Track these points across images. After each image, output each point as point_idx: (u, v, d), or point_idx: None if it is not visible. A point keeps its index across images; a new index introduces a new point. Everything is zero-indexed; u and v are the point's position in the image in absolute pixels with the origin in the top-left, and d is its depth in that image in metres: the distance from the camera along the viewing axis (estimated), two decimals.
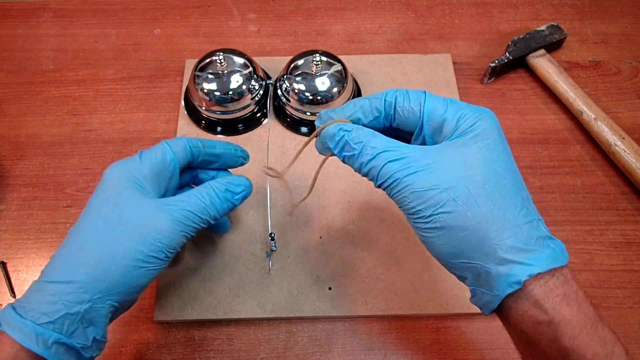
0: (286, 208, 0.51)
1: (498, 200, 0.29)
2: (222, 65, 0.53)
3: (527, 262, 0.28)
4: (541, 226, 0.30)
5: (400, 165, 0.31)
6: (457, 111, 0.32)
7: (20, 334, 0.31)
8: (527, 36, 0.60)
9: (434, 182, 0.30)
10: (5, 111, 0.58)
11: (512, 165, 0.31)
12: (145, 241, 0.34)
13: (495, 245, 0.29)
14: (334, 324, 0.47)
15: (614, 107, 0.58)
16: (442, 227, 0.30)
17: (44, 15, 0.66)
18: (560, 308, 0.28)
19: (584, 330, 0.28)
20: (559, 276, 0.29)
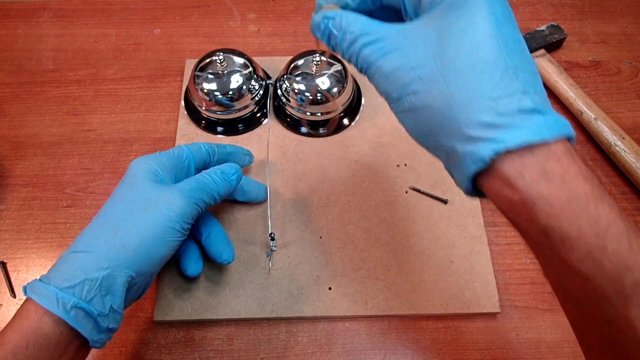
0: (286, 208, 0.51)
1: (470, 74, 0.26)
2: (222, 65, 0.53)
3: (496, 139, 0.25)
4: (527, 98, 0.26)
5: (374, 48, 0.30)
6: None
7: (43, 298, 0.33)
8: (527, 36, 0.60)
9: (402, 63, 0.28)
10: (5, 111, 0.58)
11: (499, 32, 0.27)
12: (159, 212, 0.37)
13: (461, 123, 0.26)
14: (334, 324, 0.47)
15: (614, 107, 0.58)
16: (409, 109, 0.29)
17: (44, 15, 0.66)
18: (535, 185, 0.25)
19: (566, 208, 0.25)
20: (540, 153, 0.25)
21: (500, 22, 0.27)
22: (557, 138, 0.25)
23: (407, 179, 0.52)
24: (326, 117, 0.55)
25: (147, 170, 0.40)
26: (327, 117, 0.55)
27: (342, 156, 0.54)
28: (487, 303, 0.46)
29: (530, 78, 0.26)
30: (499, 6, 0.27)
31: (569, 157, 0.25)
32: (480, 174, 0.27)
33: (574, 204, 0.25)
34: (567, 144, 0.26)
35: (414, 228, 0.50)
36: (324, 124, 0.55)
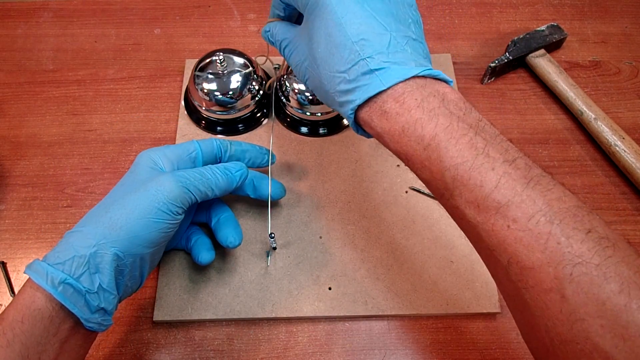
0: (286, 208, 0.51)
1: (328, 57, 0.35)
2: (222, 65, 0.53)
3: (350, 100, 0.34)
4: (367, 63, 0.33)
5: (288, 49, 0.41)
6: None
7: (36, 274, 0.34)
8: (527, 36, 0.60)
9: (298, 59, 0.40)
10: (5, 111, 0.58)
11: (343, 18, 0.34)
12: (147, 193, 0.38)
13: (332, 94, 0.35)
14: (334, 324, 0.47)
15: (614, 107, 0.58)
16: (311, 88, 0.40)
17: (44, 15, 0.66)
18: (379, 123, 0.33)
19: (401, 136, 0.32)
20: (379, 99, 0.33)
21: (345, 7, 0.34)
22: (390, 85, 0.32)
23: (407, 179, 0.52)
24: (326, 117, 0.55)
25: (148, 159, 0.42)
26: (327, 117, 0.55)
27: (342, 156, 0.54)
28: (487, 303, 0.46)
29: (375, 44, 0.33)
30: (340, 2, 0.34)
31: (407, 95, 0.32)
32: (357, 123, 0.36)
33: (405, 131, 0.32)
34: (411, 83, 0.32)
35: (414, 228, 0.50)
36: (324, 124, 0.55)
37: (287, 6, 0.42)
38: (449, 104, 0.32)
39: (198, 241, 0.46)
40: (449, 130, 0.30)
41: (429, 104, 0.31)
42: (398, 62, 0.33)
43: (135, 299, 0.47)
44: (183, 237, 0.47)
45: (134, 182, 0.40)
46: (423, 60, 0.34)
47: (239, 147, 0.47)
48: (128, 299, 0.47)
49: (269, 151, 0.49)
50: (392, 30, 0.34)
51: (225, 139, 0.47)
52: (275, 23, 0.43)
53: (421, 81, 0.32)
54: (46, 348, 0.34)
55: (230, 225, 0.46)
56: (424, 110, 0.31)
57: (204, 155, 0.45)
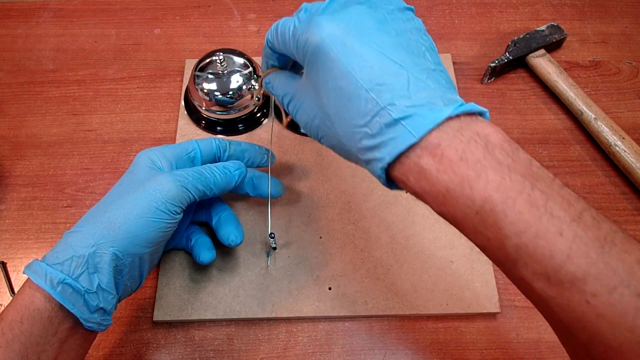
0: (286, 208, 0.51)
1: (342, 112, 0.30)
2: (222, 65, 0.53)
3: (378, 158, 0.29)
4: (387, 113, 0.28)
5: (292, 106, 0.37)
6: (294, 39, 0.33)
7: (35, 274, 0.34)
8: (527, 36, 0.60)
9: (306, 117, 0.35)
10: (5, 111, 0.58)
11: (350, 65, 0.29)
12: (145, 192, 0.38)
13: (355, 152, 0.31)
14: (334, 324, 0.47)
15: (614, 107, 0.58)
16: (328, 147, 0.35)
17: (44, 15, 0.66)
18: (418, 183, 0.29)
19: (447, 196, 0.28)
20: (411, 156, 0.28)
21: (350, 52, 0.29)
22: (421, 135, 0.27)
23: None
24: None
25: (147, 158, 0.42)
26: None
27: None
28: (487, 303, 0.46)
29: (393, 88, 0.28)
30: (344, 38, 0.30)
31: (445, 145, 0.27)
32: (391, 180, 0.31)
33: (451, 192, 0.27)
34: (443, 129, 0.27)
35: (414, 228, 0.50)
36: None
37: (280, 55, 0.38)
38: (494, 150, 0.27)
39: (198, 241, 0.46)
40: (503, 189, 0.26)
41: (472, 154, 0.27)
42: (424, 104, 0.28)
43: (135, 299, 0.47)
44: (183, 237, 0.47)
45: (132, 182, 0.40)
46: (449, 92, 0.29)
47: (238, 146, 0.47)
48: (128, 298, 0.46)
49: (268, 151, 0.49)
50: (408, 65, 0.29)
51: (225, 139, 0.47)
52: (274, 74, 0.39)
53: (456, 123, 0.28)
54: (45, 348, 0.34)
55: (232, 224, 0.46)
56: (469, 164, 0.26)
57: (203, 154, 0.45)
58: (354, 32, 0.30)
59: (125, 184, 0.40)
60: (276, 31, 0.35)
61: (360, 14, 0.31)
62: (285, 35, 0.34)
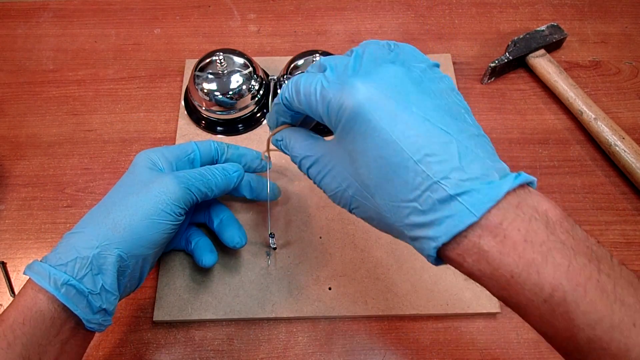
0: (286, 208, 0.51)
1: (386, 185, 0.28)
2: (222, 65, 0.53)
3: (431, 237, 0.27)
4: (440, 188, 0.26)
5: (314, 170, 0.34)
6: (323, 102, 0.30)
7: (37, 275, 0.34)
8: (527, 36, 0.60)
9: (336, 185, 0.32)
10: (5, 111, 0.58)
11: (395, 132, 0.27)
12: (151, 194, 0.38)
13: (399, 228, 0.29)
14: (334, 324, 0.47)
15: (614, 107, 0.58)
16: (362, 219, 0.32)
17: (44, 15, 0.66)
18: (478, 266, 0.26)
19: (510, 282, 0.26)
20: (471, 236, 0.26)
21: (392, 118, 0.27)
22: (482, 214, 0.25)
23: None
24: None
25: (147, 159, 0.41)
26: None
27: None
28: (487, 303, 0.46)
29: (443, 159, 0.26)
30: (384, 103, 0.27)
31: (507, 224, 0.25)
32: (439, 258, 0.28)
33: (516, 277, 0.25)
34: (503, 205, 0.26)
35: None
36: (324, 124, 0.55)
37: (295, 113, 0.36)
38: (556, 228, 0.25)
39: (199, 243, 0.46)
40: (572, 275, 0.24)
41: (536, 235, 0.25)
42: (479, 177, 0.26)
43: (135, 299, 0.47)
44: (182, 238, 0.47)
45: (134, 183, 0.40)
46: (497, 160, 0.28)
47: (235, 150, 0.47)
48: (127, 298, 0.47)
49: (266, 156, 0.48)
50: (454, 132, 0.27)
51: (223, 142, 0.47)
52: (288, 132, 0.37)
53: (514, 198, 0.26)
54: (47, 349, 0.34)
55: (235, 226, 0.46)
56: (534, 247, 0.25)
57: (202, 156, 0.45)
58: (394, 96, 0.28)
59: (127, 184, 0.40)
60: (297, 90, 0.32)
61: (396, 75, 0.29)
62: (312, 96, 0.31)
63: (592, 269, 0.24)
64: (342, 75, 0.29)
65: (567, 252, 0.25)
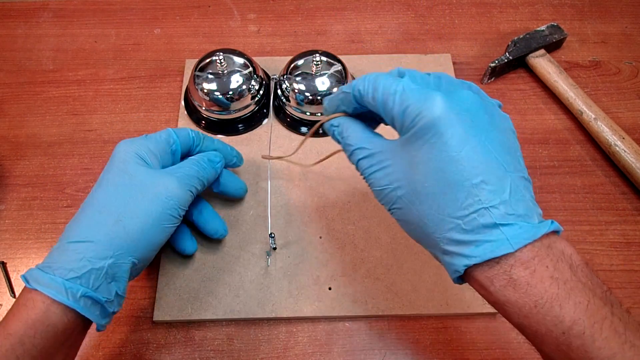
0: (286, 208, 0.51)
1: (438, 196, 0.30)
2: (222, 65, 0.53)
3: (465, 254, 0.29)
4: (489, 214, 0.28)
5: (367, 163, 0.34)
6: (402, 105, 0.31)
7: (50, 289, 0.33)
8: (527, 36, 0.60)
9: (387, 182, 0.33)
10: (5, 111, 0.58)
11: (461, 152, 0.29)
12: (158, 200, 0.38)
13: (436, 239, 0.31)
14: (334, 324, 0.47)
15: (614, 107, 0.58)
16: (399, 220, 0.34)
17: (44, 15, 0.66)
18: (504, 291, 0.29)
19: (533, 311, 0.28)
20: (505, 262, 0.28)
21: (461, 141, 0.29)
22: (519, 247, 0.28)
23: None
24: None
25: (135, 155, 0.40)
26: None
27: (342, 156, 0.54)
28: (487, 303, 0.46)
29: (496, 189, 0.29)
30: (460, 125, 0.29)
31: (537, 261, 0.28)
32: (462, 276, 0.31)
33: (539, 307, 0.28)
34: (538, 245, 0.28)
35: None
36: None
37: (361, 107, 0.36)
38: (577, 271, 0.28)
39: (180, 231, 0.46)
40: (590, 312, 0.27)
41: (561, 273, 0.28)
42: (522, 215, 0.29)
43: (135, 299, 0.47)
44: None
45: (133, 184, 0.38)
46: (536, 205, 0.31)
47: (211, 143, 0.47)
48: (128, 298, 0.47)
49: (239, 153, 0.50)
50: (511, 170, 0.30)
51: (198, 131, 0.46)
52: (346, 120, 0.37)
53: (546, 240, 0.29)
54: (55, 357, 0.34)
55: (215, 217, 0.47)
56: (559, 283, 0.28)
57: (181, 146, 0.44)
58: (468, 120, 0.30)
59: (126, 186, 0.38)
60: (375, 87, 0.33)
61: (473, 102, 0.31)
62: (390, 96, 0.32)
63: (607, 311, 0.27)
64: (425, 87, 0.32)
65: (586, 292, 0.28)
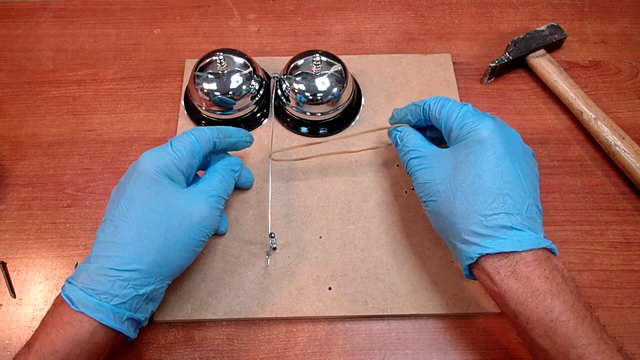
0: (286, 208, 0.51)
1: (470, 195, 0.38)
2: (222, 65, 0.53)
3: (482, 245, 0.36)
4: (508, 218, 0.36)
5: (416, 162, 0.43)
6: (462, 121, 0.41)
7: (99, 314, 0.36)
8: (527, 36, 0.60)
9: (431, 177, 0.41)
10: (5, 111, 0.58)
11: (497, 167, 0.38)
12: (194, 229, 0.41)
13: (460, 229, 0.38)
14: (334, 324, 0.47)
15: (614, 107, 0.58)
16: (431, 211, 0.42)
17: (44, 15, 0.66)
18: (507, 280, 0.36)
19: (528, 300, 0.35)
20: (512, 258, 0.36)
21: (501, 159, 0.38)
22: (526, 248, 0.36)
23: (407, 179, 0.52)
24: (326, 117, 0.55)
25: (164, 174, 0.41)
26: (327, 117, 0.55)
27: (342, 156, 0.54)
28: (487, 303, 0.46)
29: (517, 203, 0.37)
30: (501, 148, 0.38)
31: (537, 263, 0.36)
32: (471, 265, 0.38)
33: (534, 297, 0.35)
34: (539, 253, 0.36)
35: (414, 228, 0.50)
36: (324, 124, 0.55)
37: (425, 119, 0.45)
38: (567, 280, 0.36)
39: None
40: (574, 309, 0.34)
41: (554, 277, 0.35)
42: (532, 229, 0.37)
43: None
44: None
45: (170, 212, 0.39)
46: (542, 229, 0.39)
47: (229, 139, 0.46)
48: None
49: (250, 137, 0.49)
50: (530, 196, 0.38)
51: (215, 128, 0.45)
52: (407, 128, 0.46)
53: (544, 253, 0.36)
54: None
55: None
56: (552, 284, 0.35)
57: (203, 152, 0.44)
58: (510, 147, 0.39)
59: (161, 213, 0.39)
60: (442, 105, 0.43)
61: (513, 136, 0.41)
62: (453, 114, 0.42)
63: (588, 314, 0.34)
64: (482, 114, 0.41)
65: (573, 296, 0.35)
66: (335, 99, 0.53)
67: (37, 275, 0.49)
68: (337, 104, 0.54)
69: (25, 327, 0.46)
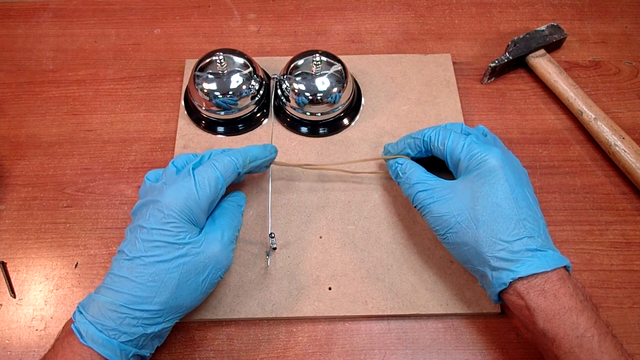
0: (286, 208, 0.51)
1: (492, 223, 0.39)
2: (222, 65, 0.53)
3: (512, 269, 0.38)
4: (531, 241, 0.39)
5: (426, 195, 0.43)
6: (469, 152, 0.42)
7: (107, 350, 0.37)
8: (527, 36, 0.60)
9: (447, 210, 0.41)
10: (5, 111, 0.58)
11: (512, 194, 0.40)
12: (210, 277, 0.41)
13: (488, 257, 0.39)
14: (334, 324, 0.47)
15: (614, 107, 0.58)
16: (452, 242, 0.42)
17: (44, 15, 0.66)
18: (536, 299, 0.37)
19: (556, 317, 0.36)
20: (540, 278, 0.38)
21: (513, 186, 0.40)
22: (553, 268, 0.38)
23: None
24: (326, 117, 0.55)
25: (188, 217, 0.40)
26: (327, 117, 0.55)
27: (342, 156, 0.54)
28: (487, 303, 0.46)
29: (534, 226, 0.39)
30: (511, 175, 0.41)
31: (562, 281, 0.38)
32: (502, 290, 0.39)
33: (561, 314, 0.36)
34: (562, 271, 0.38)
35: (414, 228, 0.50)
36: (324, 124, 0.55)
37: (425, 151, 0.46)
38: (587, 297, 0.38)
39: None
40: (597, 326, 0.36)
41: (577, 295, 0.37)
42: (551, 248, 0.39)
43: None
44: None
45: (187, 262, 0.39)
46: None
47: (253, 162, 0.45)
48: None
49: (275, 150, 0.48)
50: (539, 218, 0.41)
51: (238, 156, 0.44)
52: (407, 160, 0.47)
53: (564, 272, 0.39)
54: None
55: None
56: (576, 301, 0.37)
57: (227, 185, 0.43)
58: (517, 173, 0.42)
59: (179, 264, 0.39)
60: (444, 137, 0.44)
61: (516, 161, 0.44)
62: (458, 146, 0.43)
63: (608, 329, 0.37)
64: (486, 142, 0.44)
65: (594, 313, 0.37)
66: (335, 99, 0.53)
67: (37, 275, 0.49)
68: (337, 104, 0.54)
69: (25, 327, 0.46)
